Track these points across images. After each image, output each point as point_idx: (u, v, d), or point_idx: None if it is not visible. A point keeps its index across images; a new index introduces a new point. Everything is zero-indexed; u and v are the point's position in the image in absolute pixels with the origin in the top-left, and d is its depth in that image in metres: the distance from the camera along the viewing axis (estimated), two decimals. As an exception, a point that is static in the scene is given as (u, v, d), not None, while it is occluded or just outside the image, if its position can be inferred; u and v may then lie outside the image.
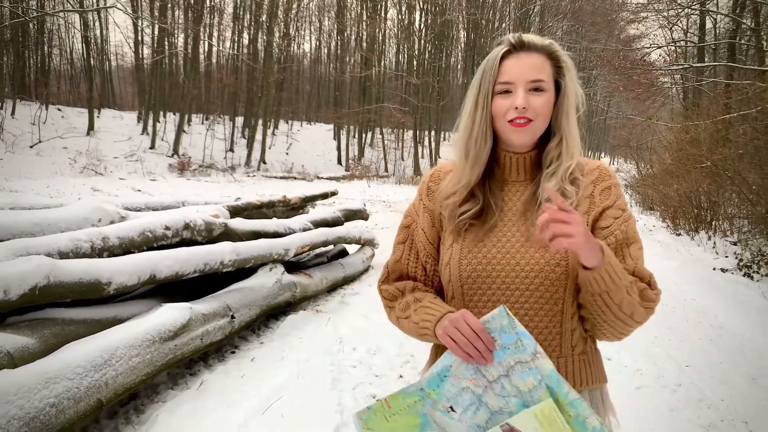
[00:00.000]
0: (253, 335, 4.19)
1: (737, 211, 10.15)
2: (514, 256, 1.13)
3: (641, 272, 1.13)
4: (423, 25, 31.38)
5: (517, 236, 1.15)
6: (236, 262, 4.01)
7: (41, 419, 2.13)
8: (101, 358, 2.49)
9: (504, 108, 1.12)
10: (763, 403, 3.16)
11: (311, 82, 41.68)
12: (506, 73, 1.13)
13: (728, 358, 3.90)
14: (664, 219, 12.42)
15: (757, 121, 9.77)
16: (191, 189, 15.74)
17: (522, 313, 1.11)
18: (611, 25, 28.29)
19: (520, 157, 1.19)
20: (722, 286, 6.30)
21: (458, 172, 1.20)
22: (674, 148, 12.74)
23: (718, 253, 8.64)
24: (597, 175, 1.20)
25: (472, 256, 1.15)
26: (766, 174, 8.49)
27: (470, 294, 1.15)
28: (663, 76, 19.63)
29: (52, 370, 2.27)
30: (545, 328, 1.12)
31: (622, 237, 1.14)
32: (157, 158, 23.14)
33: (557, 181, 1.14)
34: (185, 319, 3.11)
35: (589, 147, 55.44)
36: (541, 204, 1.13)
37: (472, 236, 1.17)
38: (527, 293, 1.11)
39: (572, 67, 1.18)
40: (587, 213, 1.16)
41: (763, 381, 3.48)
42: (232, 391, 3.09)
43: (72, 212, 3.39)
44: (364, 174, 25.85)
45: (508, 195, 1.20)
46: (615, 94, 30.45)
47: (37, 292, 2.53)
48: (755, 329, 4.56)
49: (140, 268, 3.12)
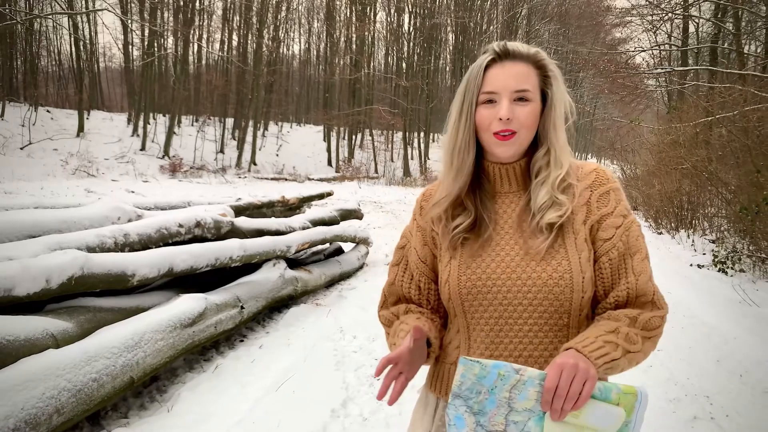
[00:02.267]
0: (259, 326, 4.48)
1: (716, 210, 10.57)
2: (515, 270, 1.09)
3: (644, 289, 1.08)
4: (412, 28, 31.76)
5: (516, 249, 1.11)
6: (243, 258, 4.30)
7: (85, 392, 2.42)
8: (132, 340, 2.78)
9: (488, 119, 1.09)
10: (724, 382, 3.51)
11: (301, 83, 41.90)
12: (490, 83, 1.09)
13: (696, 344, 4.25)
14: (646, 219, 12.84)
15: (734, 124, 10.21)
16: (184, 191, 15.94)
17: (526, 329, 1.08)
18: (597, 28, 28.80)
19: (509, 167, 1.16)
20: (697, 281, 6.68)
21: (444, 184, 1.18)
22: (656, 150, 13.16)
23: (697, 251, 9.04)
24: (593, 179, 1.14)
25: (471, 272, 1.11)
26: (743, 174, 8.90)
27: (471, 311, 1.12)
28: (647, 79, 20.15)
29: (92, 350, 2.55)
30: (550, 344, 1.09)
31: (624, 248, 1.09)
32: (148, 160, 23.27)
33: (548, 190, 1.10)
34: (202, 308, 3.40)
35: (576, 148, 56.16)
36: (535, 214, 1.11)
37: (468, 251, 1.14)
38: (530, 308, 1.07)
39: (560, 76, 1.14)
40: (584, 222, 1.11)
41: (726, 363, 3.84)
42: (245, 374, 3.38)
43: (94, 211, 3.67)
44: (354, 175, 26.15)
45: (501, 207, 1.17)
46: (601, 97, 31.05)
47: (73, 282, 2.81)
48: (723, 318, 4.93)
49: (160, 262, 3.41)
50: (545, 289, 1.06)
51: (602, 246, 1.09)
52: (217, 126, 29.08)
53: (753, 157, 8.36)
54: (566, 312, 1.07)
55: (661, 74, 19.57)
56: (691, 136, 11.22)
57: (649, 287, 1.09)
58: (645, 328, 1.05)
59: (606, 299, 1.10)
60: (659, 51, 21.06)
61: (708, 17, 17.89)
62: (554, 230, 1.08)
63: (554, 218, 1.08)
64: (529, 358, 1.08)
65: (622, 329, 1.02)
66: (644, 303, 1.09)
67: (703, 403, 3.17)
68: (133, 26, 25.78)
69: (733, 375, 3.61)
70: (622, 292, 1.08)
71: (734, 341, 4.33)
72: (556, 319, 1.08)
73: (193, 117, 31.05)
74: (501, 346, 1.10)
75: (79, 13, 23.42)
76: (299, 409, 2.84)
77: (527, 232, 1.11)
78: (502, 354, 1.10)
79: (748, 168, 8.21)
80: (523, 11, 33.45)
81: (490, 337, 1.11)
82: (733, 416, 3.00)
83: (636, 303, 1.09)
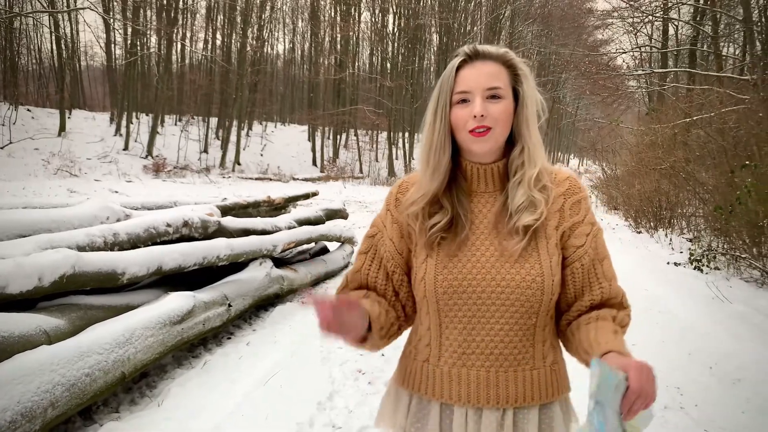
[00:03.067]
0: (246, 324, 4.56)
1: (694, 210, 10.82)
2: (489, 272, 1.13)
3: (616, 292, 1.18)
4: (396, 29, 31.90)
5: (491, 250, 1.14)
6: (230, 257, 4.37)
7: (79, 386, 2.48)
8: (123, 337, 2.85)
9: (463, 118, 1.12)
10: (695, 374, 3.67)
11: (285, 83, 41.84)
12: (463, 83, 1.13)
13: (670, 338, 4.41)
14: (626, 218, 13.09)
15: (710, 125, 10.47)
16: (169, 191, 15.88)
17: (497, 328, 1.12)
18: (579, 30, 29.15)
19: (487, 168, 1.19)
20: (673, 278, 6.87)
21: (421, 182, 1.20)
22: (635, 151, 13.42)
23: (674, 249, 9.26)
24: (567, 187, 1.20)
25: (447, 272, 1.14)
26: (719, 175, 9.14)
27: (446, 310, 1.15)
28: (629, 81, 20.48)
29: (85, 346, 2.62)
30: (519, 342, 1.13)
31: (594, 254, 1.16)
32: (132, 160, 23.11)
33: (524, 190, 1.14)
34: (190, 306, 3.47)
35: (559, 149, 56.71)
36: (512, 215, 1.14)
37: (445, 250, 1.16)
38: (503, 308, 1.12)
39: (529, 75, 1.17)
40: (557, 228, 1.16)
41: (697, 355, 4.00)
42: (233, 370, 3.46)
43: (83, 211, 3.72)
44: (339, 175, 26.21)
45: (477, 206, 1.20)
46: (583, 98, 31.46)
47: (65, 280, 2.87)
48: (696, 314, 5.10)
49: (149, 261, 3.48)
50: (518, 291, 1.11)
51: (575, 252, 1.16)
52: (201, 125, 28.94)
53: (728, 158, 8.60)
54: (535, 313, 1.13)
55: (641, 76, 19.94)
56: (670, 137, 11.47)
57: (618, 290, 1.18)
58: (620, 325, 1.13)
59: (580, 301, 1.17)
60: (640, 53, 21.41)
61: (687, 20, 18.24)
62: (529, 233, 1.12)
63: (530, 221, 1.12)
64: (500, 356, 1.13)
65: (618, 329, 1.11)
66: (614, 303, 1.17)
67: (674, 393, 3.31)
68: (116, 25, 25.56)
69: (703, 367, 3.77)
70: (596, 295, 1.16)
71: (706, 336, 4.50)
72: (525, 319, 1.12)
73: (177, 116, 30.88)
74: (473, 344, 1.14)
75: (60, 12, 23.18)
76: (287, 403, 2.93)
77: (503, 233, 1.15)
78: (474, 352, 1.14)
79: (724, 168, 8.44)
80: (506, 13, 33.74)
81: (463, 335, 1.14)
82: (702, 406, 3.15)
83: (608, 304, 1.17)
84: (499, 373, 1.14)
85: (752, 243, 6.75)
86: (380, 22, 32.11)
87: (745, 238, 6.89)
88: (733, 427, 2.90)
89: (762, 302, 5.50)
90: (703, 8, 16.60)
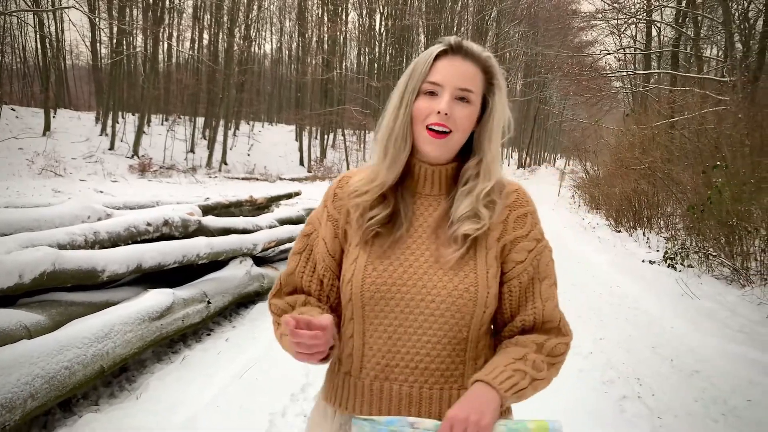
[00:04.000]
0: (226, 320, 4.66)
1: (672, 209, 11.06)
2: (421, 278, 1.06)
3: (551, 315, 1.09)
4: (383, 29, 32.04)
5: (426, 255, 1.08)
6: (210, 255, 4.47)
7: (58, 379, 2.58)
8: (102, 332, 2.95)
9: (425, 110, 1.06)
10: (656, 366, 3.83)
11: (272, 82, 41.83)
12: (437, 73, 1.06)
13: (637, 333, 4.58)
14: (607, 218, 13.32)
15: (687, 127, 10.71)
16: (154, 190, 15.89)
17: (425, 340, 1.04)
18: (565, 31, 29.45)
19: (435, 169, 1.12)
20: (647, 275, 7.06)
21: (374, 171, 1.12)
22: (615, 152, 13.66)
23: (651, 248, 9.48)
24: (514, 199, 1.13)
25: (376, 275, 1.07)
26: (695, 175, 9.37)
27: (371, 317, 1.07)
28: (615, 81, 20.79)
29: (64, 340, 2.72)
30: (447, 357, 1.06)
31: (534, 273, 1.09)
32: (117, 159, 23.02)
33: (471, 201, 1.07)
34: (169, 302, 3.57)
35: (545, 149, 57.16)
36: (453, 223, 1.08)
37: (378, 249, 1.09)
38: (431, 318, 1.04)
39: (504, 88, 1.11)
40: (498, 239, 1.09)
41: (661, 349, 4.17)
42: (211, 365, 3.57)
43: (65, 210, 3.81)
44: (326, 175, 26.28)
45: (419, 208, 1.13)
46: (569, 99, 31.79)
47: (45, 277, 2.97)
48: (665, 310, 5.28)
49: (129, 259, 3.57)
50: (449, 300, 1.04)
51: (514, 268, 1.09)
52: (188, 125, 28.87)
53: (703, 158, 8.83)
54: (466, 326, 1.05)
55: (624, 77, 20.25)
56: (649, 138, 11.71)
57: (555, 314, 1.10)
58: (550, 354, 1.06)
59: (513, 322, 1.10)
60: (624, 54, 21.72)
61: (669, 22, 18.54)
62: (468, 242, 1.06)
63: (470, 230, 1.06)
64: (425, 371, 1.05)
65: (530, 356, 1.03)
66: (550, 329, 1.09)
67: (634, 384, 3.47)
68: (101, 24, 25.45)
69: (665, 360, 3.94)
70: (528, 316, 1.09)
71: (671, 330, 4.67)
72: (455, 332, 1.05)
73: (163, 116, 30.77)
74: (398, 356, 1.06)
75: (45, 11, 23.04)
76: (261, 394, 3.05)
77: (441, 239, 1.09)
78: (398, 365, 1.06)
79: (698, 169, 8.66)
80: (492, 14, 34.02)
81: (387, 345, 1.07)
82: (659, 395, 3.31)
83: (542, 328, 1.09)
84: (423, 389, 1.06)
85: (726, 242, 6.95)
86: (367, 23, 32.24)
87: (719, 237, 7.09)
88: (685, 414, 3.06)
89: (729, 298, 5.69)
90: (685, 11, 16.89)
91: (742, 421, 2.97)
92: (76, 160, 21.67)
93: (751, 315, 5.04)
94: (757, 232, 6.58)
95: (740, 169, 7.12)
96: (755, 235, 6.59)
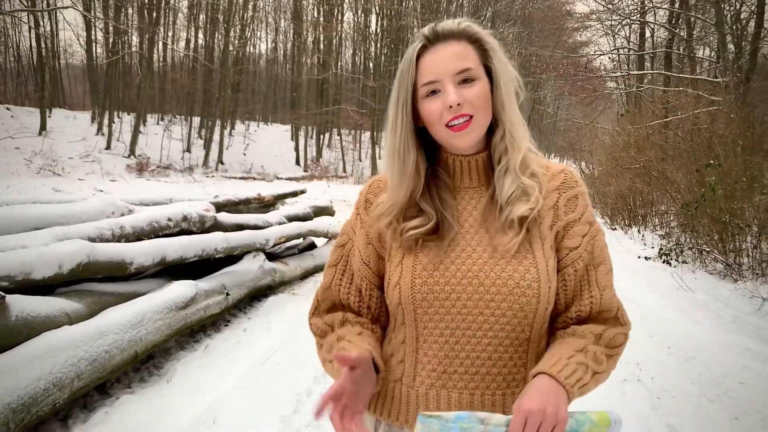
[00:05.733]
0: (241, 312, 4.84)
1: (667, 208, 11.32)
2: (477, 275, 0.97)
3: (608, 304, 1.02)
4: (379, 29, 32.22)
5: (479, 250, 0.99)
6: (226, 250, 4.65)
7: (99, 361, 2.76)
8: (135, 319, 3.13)
9: (436, 111, 0.97)
10: (654, 352, 4.04)
11: (268, 82, 41.92)
12: (427, 72, 0.98)
13: (634, 322, 4.72)
14: (603, 216, 13.57)
15: (680, 127, 10.97)
16: (155, 190, 16.03)
17: (485, 343, 0.96)
18: (559, 31, 29.72)
19: (471, 159, 1.05)
20: (642, 271, 7.29)
21: (389, 191, 1.05)
22: (610, 151, 13.91)
23: (646, 245, 9.72)
24: (562, 180, 1.04)
25: (427, 275, 0.99)
26: (689, 173, 9.61)
27: (425, 320, 0.99)
28: (609, 81, 21.07)
29: (103, 326, 2.90)
30: (510, 360, 0.98)
31: (588, 259, 1.01)
32: (114, 159, 23.11)
33: (512, 178, 0.99)
34: (193, 293, 3.75)
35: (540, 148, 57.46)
36: (503, 208, 1.00)
37: (430, 255, 1.01)
38: (492, 319, 0.96)
39: (498, 48, 1.02)
40: (551, 227, 1.01)
41: (658, 337, 4.38)
42: (232, 352, 3.75)
43: (90, 206, 3.98)
44: (323, 175, 26.45)
45: (461, 204, 1.05)
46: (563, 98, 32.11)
47: (81, 268, 3.14)
48: (661, 302, 5.50)
49: (154, 252, 3.75)
50: (510, 298, 0.95)
51: (568, 255, 1.01)
52: (184, 125, 28.97)
53: (696, 157, 9.07)
54: (529, 325, 0.97)
55: (618, 77, 20.53)
56: (644, 137, 11.96)
57: (613, 302, 1.03)
58: (609, 345, 0.98)
59: (567, 312, 1.02)
60: (618, 55, 22.00)
61: (662, 23, 18.83)
62: (525, 225, 0.98)
63: (525, 211, 0.98)
64: (486, 376, 0.97)
65: (590, 348, 0.95)
66: (607, 318, 1.02)
67: (634, 369, 3.68)
68: (97, 23, 25.49)
69: (662, 347, 4.15)
70: (585, 306, 1.01)
71: (668, 320, 4.89)
72: (518, 333, 0.97)
73: (159, 115, 30.85)
74: (456, 362, 0.98)
75: (41, 11, 23.07)
76: (285, 378, 3.23)
77: (494, 227, 1.00)
78: (456, 371, 0.98)
79: (692, 168, 8.91)
80: (487, 14, 34.26)
81: (444, 350, 0.99)
82: (657, 378, 3.51)
83: (599, 318, 1.02)
84: (485, 395, 0.98)
85: (719, 238, 7.18)
86: (363, 23, 32.41)
87: (713, 233, 7.32)
88: (682, 396, 3.26)
89: (722, 291, 5.93)
90: (678, 12, 17.16)
91: (734, 402, 3.18)
92: (73, 160, 21.75)
93: (743, 307, 5.26)
94: (749, 229, 6.83)
95: (732, 168, 7.35)
96: (747, 232, 6.83)
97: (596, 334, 0.98)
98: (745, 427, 2.88)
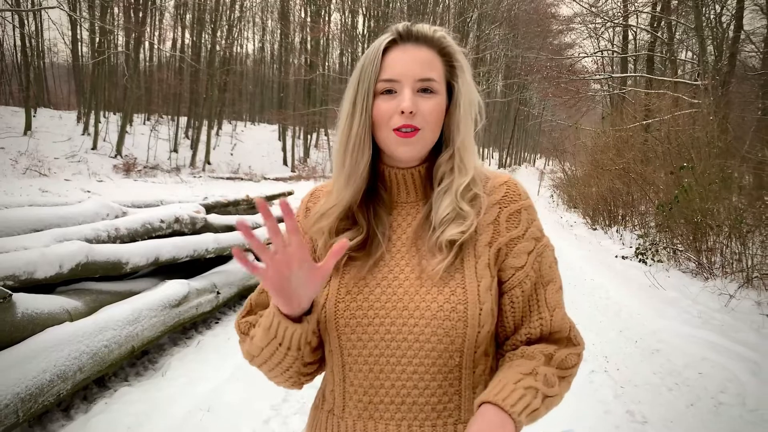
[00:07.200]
0: (232, 311, 5.02)
1: (646, 208, 11.64)
2: (402, 299, 0.92)
3: (560, 325, 0.95)
4: (366, 30, 32.42)
5: (407, 271, 0.94)
6: (217, 250, 4.83)
7: (99, 355, 2.94)
8: (132, 316, 3.31)
9: (387, 113, 0.91)
10: (622, 346, 4.29)
11: (255, 82, 41.95)
12: (390, 69, 0.92)
13: (607, 319, 5.05)
14: (584, 216, 13.90)
15: (657, 130, 11.30)
16: (143, 190, 16.09)
17: (410, 371, 0.90)
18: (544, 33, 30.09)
19: (407, 172, 0.98)
20: (619, 269, 7.57)
21: (333, 190, 0.99)
22: (591, 153, 14.24)
23: (624, 244, 10.02)
24: (503, 193, 0.98)
25: (350, 299, 0.93)
26: (665, 175, 9.92)
27: (349, 347, 0.93)
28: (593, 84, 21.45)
29: (102, 323, 3.08)
30: (439, 388, 0.91)
31: (536, 278, 0.95)
32: (101, 159, 23.05)
33: (451, 200, 0.94)
34: (185, 291, 3.93)
35: (525, 149, 58.07)
36: (435, 229, 0.94)
37: (353, 273, 0.96)
38: (416, 345, 0.90)
39: (467, 69, 0.97)
40: (489, 244, 0.94)
41: (627, 332, 4.64)
42: (224, 348, 3.94)
43: (86, 208, 4.15)
44: (310, 175, 26.59)
45: (396, 220, 1.00)
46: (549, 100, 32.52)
47: (80, 268, 3.31)
48: (633, 299, 5.77)
49: (149, 253, 3.93)
50: (434, 323, 0.89)
51: (514, 275, 0.94)
52: (171, 125, 28.95)
53: (672, 159, 9.38)
54: (458, 350, 0.90)
55: (601, 79, 20.92)
56: (624, 140, 12.28)
57: (565, 322, 0.96)
58: (561, 366, 0.92)
59: (516, 335, 0.96)
60: (601, 57, 22.39)
61: (644, 26, 19.22)
62: (454, 249, 0.92)
63: (456, 235, 0.92)
64: (413, 406, 0.91)
65: (540, 370, 0.88)
66: (559, 339, 0.96)
67: (602, 361, 3.92)
68: (83, 23, 25.42)
69: (629, 341, 4.40)
70: (535, 328, 0.95)
71: (638, 316, 5.15)
72: (446, 359, 0.90)
73: (145, 115, 30.79)
74: (381, 391, 0.92)
75: (26, 11, 22.98)
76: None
77: (423, 250, 0.95)
78: (382, 401, 0.92)
79: (668, 169, 9.22)
80: (473, 16, 34.59)
81: (369, 379, 0.93)
82: (623, 370, 3.76)
83: (550, 339, 0.96)
84: (413, 426, 0.91)
85: (693, 238, 7.47)
86: (350, 24, 32.60)
87: (687, 233, 7.62)
88: (645, 384, 3.51)
89: (692, 289, 6.21)
90: (659, 16, 17.54)
91: (691, 389, 3.43)
92: (59, 160, 21.66)
93: (710, 303, 5.54)
94: (720, 229, 7.12)
95: (706, 170, 7.65)
96: (718, 232, 7.12)
97: (547, 354, 0.92)
98: (699, 413, 3.13)
